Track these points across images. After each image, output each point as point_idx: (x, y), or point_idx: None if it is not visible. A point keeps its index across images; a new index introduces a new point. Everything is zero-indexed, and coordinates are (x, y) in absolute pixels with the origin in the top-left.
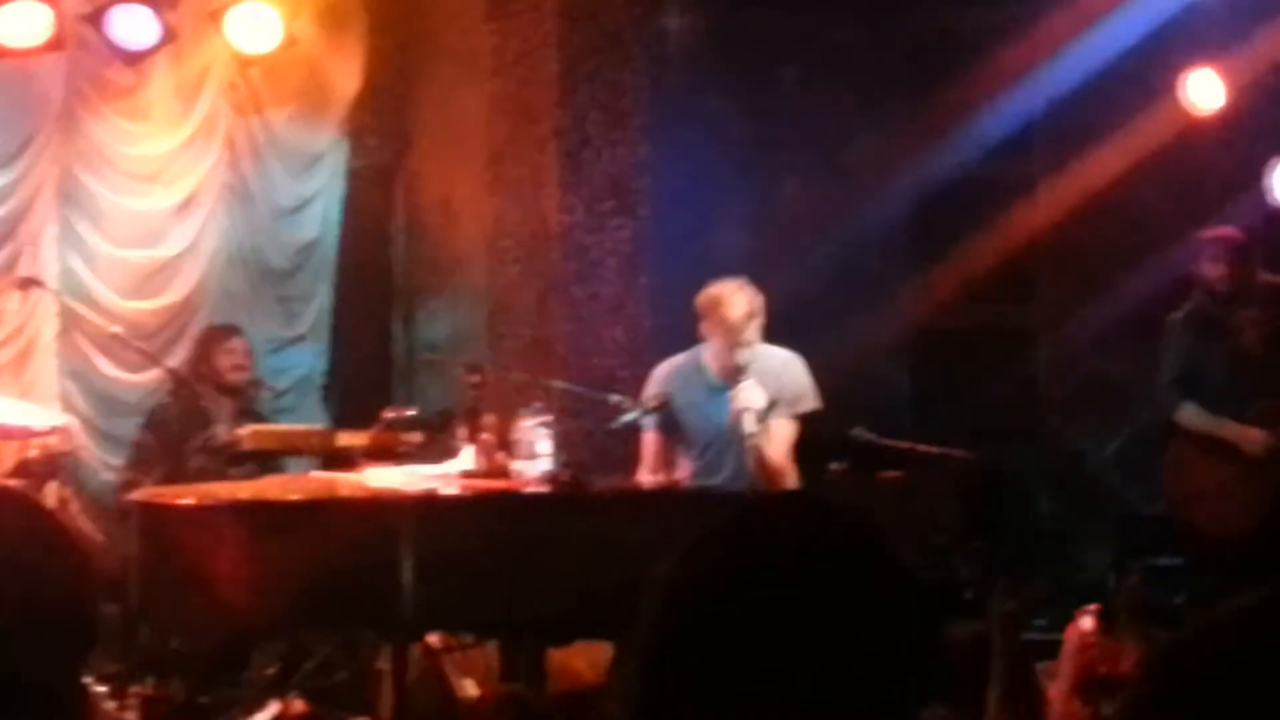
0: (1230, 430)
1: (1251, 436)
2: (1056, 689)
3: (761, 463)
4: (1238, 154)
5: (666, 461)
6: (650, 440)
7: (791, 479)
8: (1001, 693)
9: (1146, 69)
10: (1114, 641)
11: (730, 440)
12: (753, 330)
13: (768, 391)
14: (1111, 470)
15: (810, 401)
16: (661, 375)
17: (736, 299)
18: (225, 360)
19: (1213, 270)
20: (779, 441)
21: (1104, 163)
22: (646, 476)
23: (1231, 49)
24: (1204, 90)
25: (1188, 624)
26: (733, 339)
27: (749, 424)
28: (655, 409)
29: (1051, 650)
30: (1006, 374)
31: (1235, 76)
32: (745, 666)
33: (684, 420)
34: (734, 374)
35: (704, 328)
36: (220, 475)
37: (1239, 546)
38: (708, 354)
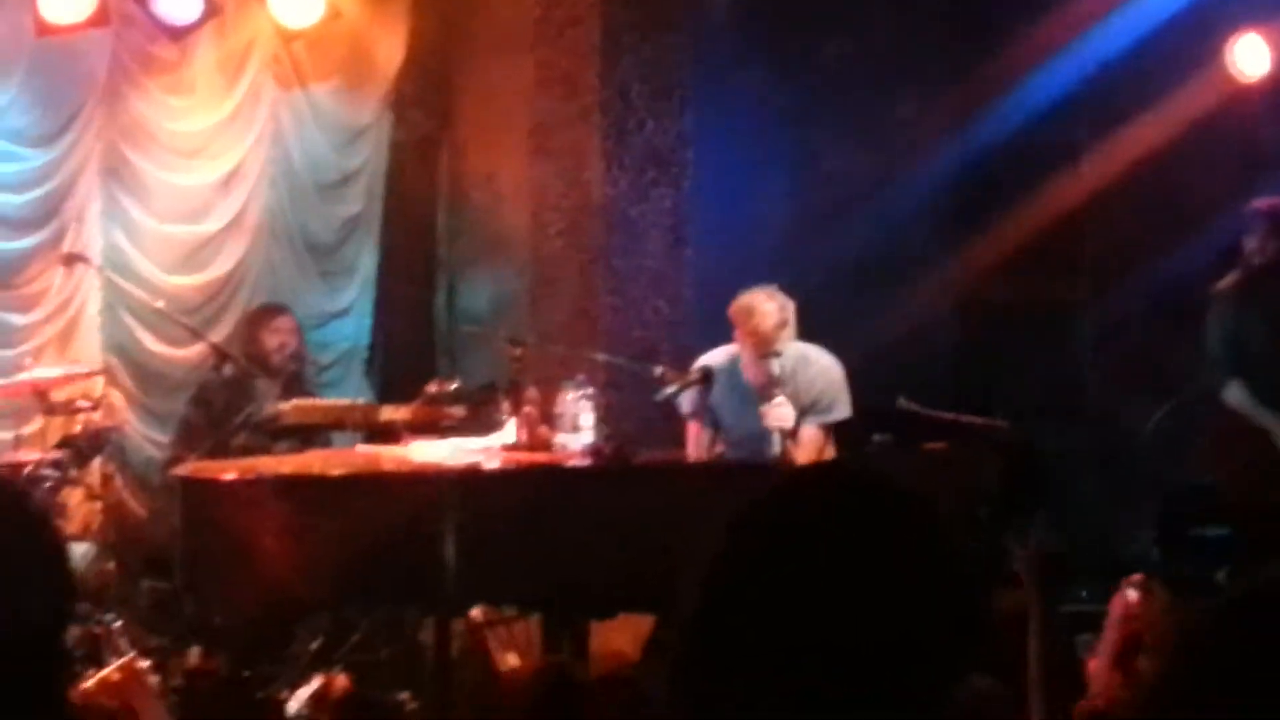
0: (1270, 423)
1: None
2: (1098, 660)
3: None
4: None
5: (710, 450)
6: (695, 429)
7: None
8: (1038, 647)
9: (1192, 36)
10: (1158, 612)
11: (761, 449)
12: (783, 340)
13: (802, 397)
14: (1155, 443)
15: (843, 411)
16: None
17: (768, 308)
18: (271, 340)
19: (1250, 241)
20: (807, 447)
21: (1149, 131)
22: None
23: (1278, 15)
24: (1251, 56)
25: (1224, 593)
26: (764, 349)
27: (775, 443)
28: (697, 382)
29: (1095, 623)
30: (1050, 346)
31: None
32: (788, 638)
33: (719, 416)
34: (768, 386)
35: (737, 336)
36: (264, 450)
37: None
38: (743, 360)
